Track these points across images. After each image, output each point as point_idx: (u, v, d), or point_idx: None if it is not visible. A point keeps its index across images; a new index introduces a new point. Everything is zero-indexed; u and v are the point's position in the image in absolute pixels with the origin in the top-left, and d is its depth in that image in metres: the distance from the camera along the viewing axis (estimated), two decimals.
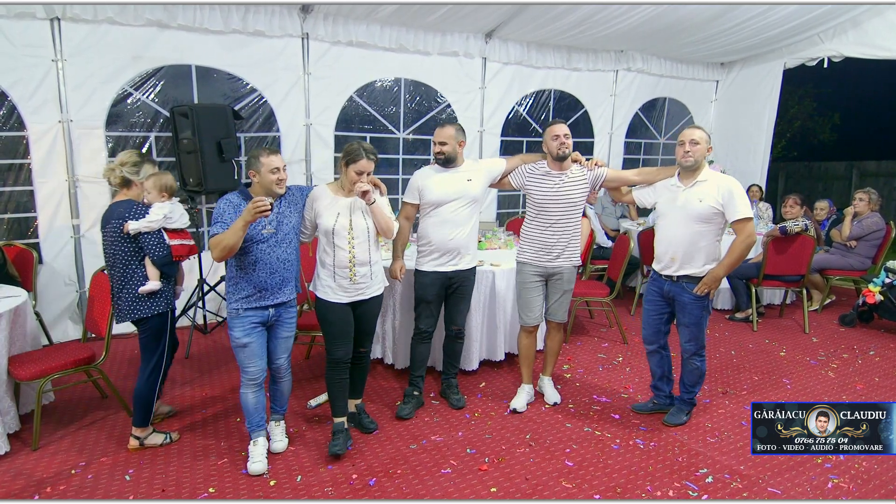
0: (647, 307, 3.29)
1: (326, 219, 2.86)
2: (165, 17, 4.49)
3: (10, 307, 3.06)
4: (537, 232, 3.33)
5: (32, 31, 4.18)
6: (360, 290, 2.95)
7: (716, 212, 2.92)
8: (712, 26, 5.80)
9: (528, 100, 6.45)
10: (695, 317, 3.07)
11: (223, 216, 2.66)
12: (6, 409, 3.01)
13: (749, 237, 2.91)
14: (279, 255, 2.76)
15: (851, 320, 5.19)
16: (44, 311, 4.37)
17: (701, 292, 3.00)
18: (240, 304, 2.73)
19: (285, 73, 5.11)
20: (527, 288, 3.39)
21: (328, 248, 2.90)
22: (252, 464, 2.79)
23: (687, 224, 2.97)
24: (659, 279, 3.17)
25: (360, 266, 2.91)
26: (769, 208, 6.80)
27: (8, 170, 4.40)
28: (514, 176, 3.39)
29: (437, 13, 5.13)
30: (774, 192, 11.16)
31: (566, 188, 3.25)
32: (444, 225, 3.25)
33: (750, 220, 2.91)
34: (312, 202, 2.91)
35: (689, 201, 2.96)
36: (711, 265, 3.00)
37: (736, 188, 2.91)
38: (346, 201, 2.90)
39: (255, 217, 2.51)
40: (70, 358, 3.17)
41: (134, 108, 4.67)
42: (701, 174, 2.98)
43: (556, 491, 2.67)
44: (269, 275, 2.74)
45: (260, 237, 2.70)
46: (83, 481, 2.72)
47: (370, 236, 2.94)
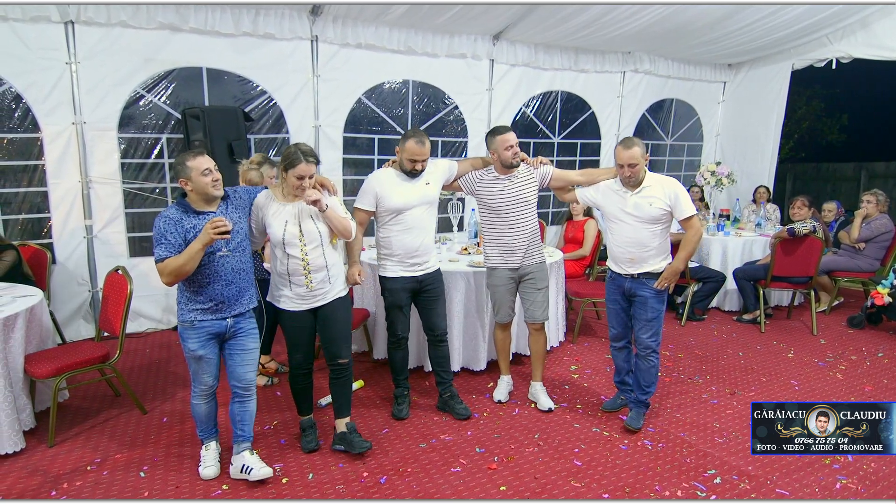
0: (610, 307, 3.37)
1: (275, 228, 2.72)
2: (177, 21, 4.55)
3: (26, 306, 3.11)
4: (497, 234, 3.35)
5: (47, 35, 4.25)
6: (319, 296, 2.84)
7: (665, 212, 3.09)
8: (720, 28, 5.81)
9: (535, 101, 6.47)
10: (656, 311, 3.17)
11: (165, 235, 2.47)
12: (22, 407, 3.06)
13: (697, 231, 3.13)
14: (234, 266, 2.61)
15: (860, 322, 5.18)
16: (57, 310, 4.43)
17: (662, 286, 3.12)
18: (194, 314, 2.58)
19: (295, 75, 5.15)
20: (498, 289, 3.42)
21: (281, 258, 2.77)
22: (205, 468, 2.75)
23: (641, 226, 3.12)
24: (618, 277, 3.26)
25: (316, 272, 2.79)
26: (777, 210, 6.79)
27: (22, 171, 4.47)
28: (463, 182, 3.39)
29: (447, 15, 5.16)
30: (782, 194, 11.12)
31: (517, 189, 3.29)
32: (410, 231, 3.18)
33: (695, 215, 3.12)
34: (258, 209, 2.76)
35: (639, 205, 3.09)
36: (665, 260, 3.15)
37: (680, 190, 3.10)
38: (292, 208, 2.75)
39: (213, 239, 2.39)
40: (85, 356, 3.21)
41: (146, 110, 4.73)
42: (645, 180, 3.11)
43: (564, 490, 2.69)
44: (226, 287, 2.60)
45: (212, 247, 2.53)
46: (99, 477, 2.76)
47: (323, 240, 2.80)
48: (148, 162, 4.80)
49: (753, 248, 5.67)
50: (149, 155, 4.79)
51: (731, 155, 7.58)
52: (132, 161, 4.74)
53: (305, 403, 3.05)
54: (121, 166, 4.67)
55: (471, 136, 6.13)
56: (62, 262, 4.56)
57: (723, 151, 7.74)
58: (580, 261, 5.23)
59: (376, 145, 5.74)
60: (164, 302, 4.97)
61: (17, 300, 3.21)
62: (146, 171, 4.81)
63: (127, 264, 4.51)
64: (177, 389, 3.80)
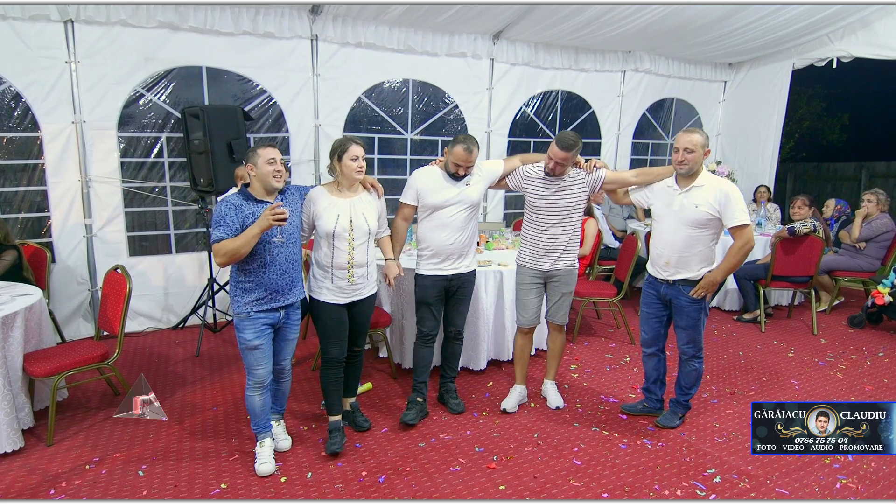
0: (644, 310, 3.25)
1: (326, 220, 2.83)
2: (177, 20, 4.54)
3: (24, 305, 3.11)
4: (534, 234, 3.30)
5: (47, 34, 4.24)
6: (357, 291, 2.95)
7: (711, 217, 2.88)
8: (721, 27, 5.80)
9: (535, 100, 6.46)
10: (692, 319, 3.05)
11: (225, 219, 2.59)
12: (21, 406, 3.06)
13: (747, 243, 2.87)
14: (287, 256, 2.73)
15: (860, 321, 5.17)
16: (57, 309, 4.43)
17: (697, 295, 2.98)
18: (250, 306, 2.67)
19: (294, 74, 5.15)
20: (524, 288, 3.38)
21: (326, 250, 2.87)
22: (261, 465, 2.80)
23: (682, 228, 2.94)
24: (655, 282, 3.14)
25: (359, 268, 2.91)
26: (777, 209, 6.78)
27: (22, 170, 4.46)
28: (511, 178, 3.35)
29: (446, 14, 5.15)
30: (783, 193, 11.10)
31: (563, 192, 3.21)
32: (443, 229, 3.20)
33: (748, 226, 2.86)
34: (310, 203, 2.87)
35: (684, 206, 2.92)
36: (707, 268, 2.97)
37: (734, 193, 2.85)
38: (345, 202, 2.88)
39: (271, 225, 2.49)
40: (84, 355, 3.21)
41: (146, 109, 4.73)
42: (698, 179, 2.92)
43: (564, 489, 2.68)
44: (280, 276, 2.71)
45: (267, 236, 2.65)
46: (97, 476, 2.76)
47: (370, 237, 2.94)
48: (147, 161, 4.79)
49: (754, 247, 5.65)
50: (148, 154, 4.79)
51: (731, 154, 7.57)
52: (132, 160, 4.74)
53: (336, 400, 3.06)
54: (120, 165, 4.67)
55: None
56: (62, 261, 4.56)
57: (723, 151, 7.73)
58: (580, 260, 5.21)
59: (376, 144, 5.74)
60: (163, 301, 4.97)
61: (16, 299, 3.20)
62: (146, 170, 4.80)
63: (126, 263, 4.52)
64: (176, 388, 3.80)
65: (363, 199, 2.95)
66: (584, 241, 5.23)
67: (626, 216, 6.57)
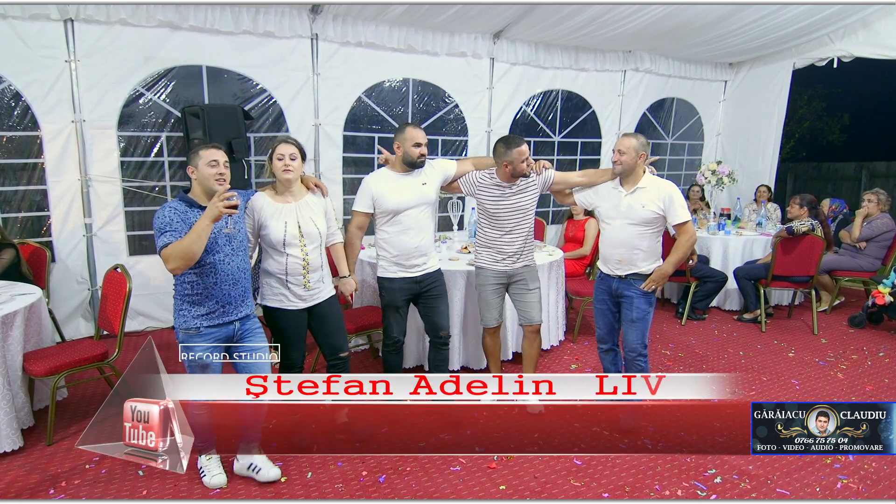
0: (598, 307, 3.34)
1: (274, 229, 2.73)
2: (177, 19, 4.53)
3: (24, 304, 3.11)
4: (493, 239, 3.30)
5: (47, 33, 4.23)
6: (315, 295, 2.89)
7: (657, 216, 3.04)
8: (721, 26, 5.79)
9: (535, 100, 6.45)
10: (642, 311, 3.13)
11: (171, 224, 2.41)
12: (21, 405, 3.06)
13: (691, 237, 3.07)
14: (239, 265, 2.59)
15: (861, 321, 5.17)
16: (56, 308, 4.42)
17: (649, 288, 3.09)
18: (199, 321, 2.51)
19: (294, 73, 5.14)
20: (486, 289, 3.37)
21: (277, 257, 2.77)
22: (212, 478, 2.66)
23: (631, 227, 3.08)
24: (607, 278, 3.23)
25: (314, 272, 2.84)
26: (777, 209, 6.77)
27: (22, 169, 4.46)
28: (463, 183, 3.32)
29: (446, 13, 5.14)
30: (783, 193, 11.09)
31: (518, 196, 3.24)
32: (408, 232, 3.12)
33: (689, 221, 3.05)
34: (253, 211, 2.75)
35: (632, 206, 3.06)
36: (656, 263, 3.12)
37: (675, 194, 3.04)
38: (290, 207, 2.78)
39: (221, 214, 2.31)
40: (84, 355, 3.20)
41: (146, 109, 4.72)
42: (641, 180, 3.06)
43: (564, 489, 2.68)
44: (233, 285, 2.56)
45: (217, 245, 2.50)
46: (97, 476, 2.76)
47: (322, 240, 2.87)
48: (147, 160, 4.79)
49: (754, 247, 5.66)
50: (148, 153, 4.78)
51: (731, 154, 7.56)
52: (132, 159, 4.73)
53: None
54: (120, 164, 4.66)
55: (471, 134, 6.12)
56: (61, 260, 4.56)
57: (724, 150, 7.72)
58: (580, 260, 5.22)
59: (376, 144, 5.73)
60: (163, 300, 4.96)
61: (15, 298, 3.20)
62: (146, 170, 4.80)
63: (126, 263, 4.51)
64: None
65: (308, 202, 2.85)
66: (585, 240, 5.24)
67: None
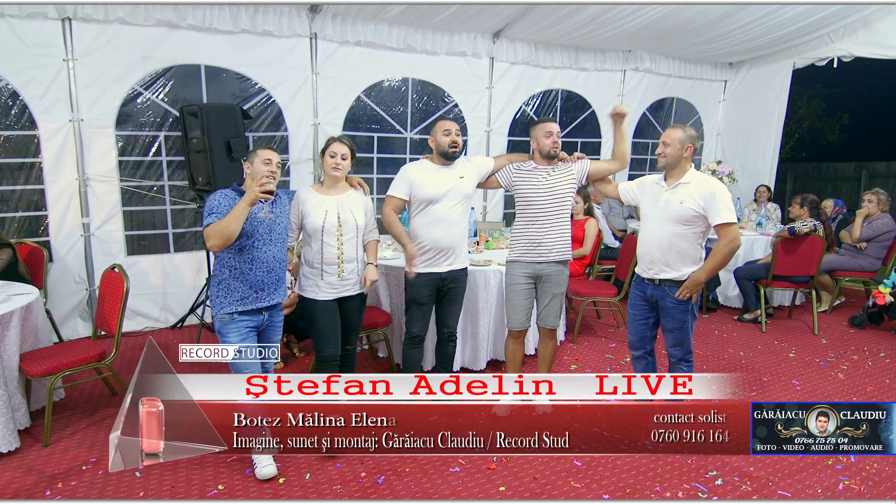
0: (631, 312, 3.22)
1: (315, 217, 2.88)
2: (175, 18, 4.51)
3: (21, 304, 3.09)
4: (527, 227, 3.25)
5: (44, 31, 4.21)
6: (347, 287, 2.97)
7: (696, 214, 2.84)
8: (721, 26, 5.77)
9: (535, 100, 6.44)
10: (679, 321, 3.00)
11: (219, 206, 2.62)
12: (17, 406, 3.03)
13: (732, 241, 2.82)
14: (275, 254, 2.75)
15: (861, 322, 5.16)
16: (54, 308, 4.40)
17: (683, 296, 2.93)
18: (234, 307, 2.67)
19: (293, 72, 5.12)
20: (514, 289, 3.30)
21: (315, 246, 2.91)
22: (262, 468, 2.71)
23: (666, 225, 2.91)
24: (642, 283, 3.11)
25: (349, 263, 2.94)
26: (778, 209, 6.76)
27: (19, 168, 4.44)
28: (501, 174, 3.31)
29: (445, 13, 5.13)
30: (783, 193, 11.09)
31: (554, 181, 3.20)
32: (439, 224, 3.15)
33: (733, 224, 2.81)
34: (298, 204, 2.92)
35: (670, 202, 2.91)
36: (693, 269, 2.93)
37: (719, 191, 2.82)
38: (332, 199, 2.93)
39: (257, 198, 2.52)
40: (81, 355, 3.19)
41: (144, 108, 4.70)
42: (685, 175, 2.90)
43: (564, 490, 2.67)
44: (267, 273, 2.72)
45: (255, 231, 2.67)
46: (94, 477, 2.74)
47: (358, 233, 2.97)
48: (146, 160, 4.77)
49: (754, 247, 5.64)
50: (146, 153, 4.76)
51: (731, 154, 7.55)
52: (130, 159, 4.70)
53: None
54: (118, 164, 4.64)
55: (470, 134, 6.10)
56: (59, 260, 4.53)
57: (724, 150, 7.71)
58: (580, 260, 5.20)
59: (375, 143, 5.72)
60: (161, 300, 4.94)
61: (12, 298, 3.17)
62: (144, 169, 4.78)
63: (124, 262, 4.49)
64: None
65: (350, 196, 3.00)
66: (585, 240, 5.21)
67: (626, 216, 6.55)
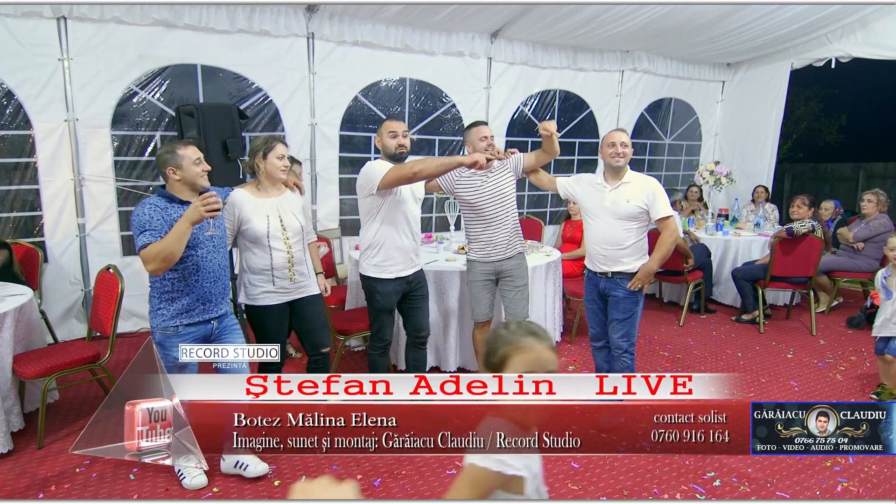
0: (588, 306, 3.34)
1: (257, 223, 2.76)
2: (171, 17, 4.49)
3: (14, 305, 3.06)
4: (480, 230, 3.31)
5: (39, 31, 4.18)
6: (299, 288, 2.92)
7: (641, 211, 3.05)
8: (719, 26, 5.77)
9: (533, 100, 6.43)
10: (628, 312, 3.12)
11: (151, 222, 2.37)
12: (10, 408, 3.01)
13: (674, 232, 3.07)
14: (219, 262, 2.59)
15: (859, 322, 5.15)
16: (49, 309, 4.37)
17: (635, 287, 3.08)
18: (178, 319, 2.49)
19: (290, 72, 5.10)
20: (476, 285, 3.39)
21: (261, 253, 2.80)
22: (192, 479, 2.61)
23: (616, 222, 3.08)
24: (594, 277, 3.23)
25: (299, 265, 2.90)
26: (775, 209, 6.76)
27: (14, 168, 4.41)
28: (442, 181, 3.33)
29: (443, 13, 5.12)
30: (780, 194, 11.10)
31: (494, 181, 3.25)
32: (403, 224, 3.08)
33: (671, 216, 3.07)
34: (233, 208, 2.77)
35: (616, 202, 3.06)
36: (641, 260, 3.10)
37: (658, 189, 3.06)
38: (271, 202, 2.83)
39: (203, 216, 2.28)
40: (75, 356, 3.16)
41: (140, 107, 4.68)
42: (625, 175, 3.08)
43: (561, 493, 2.65)
44: (213, 283, 2.56)
45: (199, 241, 2.49)
46: (87, 480, 2.72)
47: (303, 234, 2.94)
48: (141, 160, 4.74)
49: (752, 247, 5.64)
50: (142, 153, 4.74)
51: (729, 154, 7.54)
52: (125, 159, 4.68)
53: None
54: (114, 164, 4.61)
55: None
56: (54, 260, 4.51)
57: (721, 151, 7.71)
58: (578, 261, 5.18)
59: (373, 143, 5.69)
60: None
61: (5, 299, 3.15)
62: (139, 169, 4.75)
63: (120, 263, 4.45)
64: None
65: (288, 198, 2.92)
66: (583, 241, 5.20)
67: None
